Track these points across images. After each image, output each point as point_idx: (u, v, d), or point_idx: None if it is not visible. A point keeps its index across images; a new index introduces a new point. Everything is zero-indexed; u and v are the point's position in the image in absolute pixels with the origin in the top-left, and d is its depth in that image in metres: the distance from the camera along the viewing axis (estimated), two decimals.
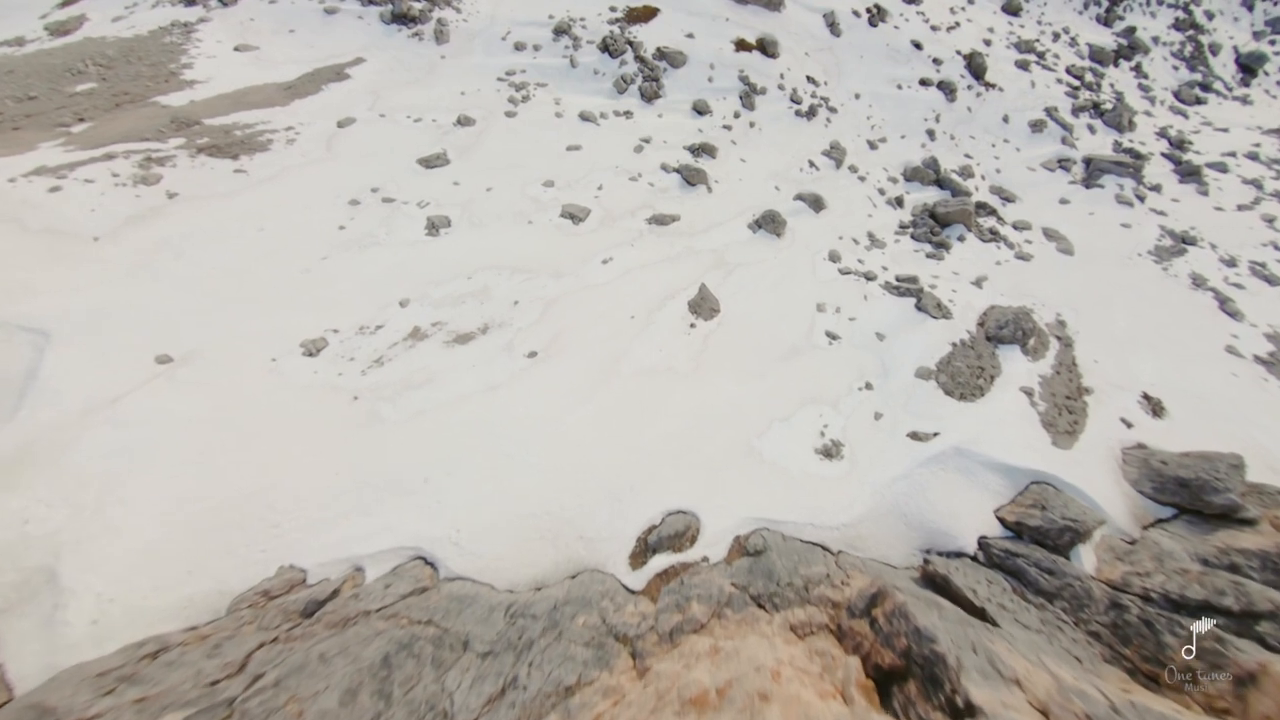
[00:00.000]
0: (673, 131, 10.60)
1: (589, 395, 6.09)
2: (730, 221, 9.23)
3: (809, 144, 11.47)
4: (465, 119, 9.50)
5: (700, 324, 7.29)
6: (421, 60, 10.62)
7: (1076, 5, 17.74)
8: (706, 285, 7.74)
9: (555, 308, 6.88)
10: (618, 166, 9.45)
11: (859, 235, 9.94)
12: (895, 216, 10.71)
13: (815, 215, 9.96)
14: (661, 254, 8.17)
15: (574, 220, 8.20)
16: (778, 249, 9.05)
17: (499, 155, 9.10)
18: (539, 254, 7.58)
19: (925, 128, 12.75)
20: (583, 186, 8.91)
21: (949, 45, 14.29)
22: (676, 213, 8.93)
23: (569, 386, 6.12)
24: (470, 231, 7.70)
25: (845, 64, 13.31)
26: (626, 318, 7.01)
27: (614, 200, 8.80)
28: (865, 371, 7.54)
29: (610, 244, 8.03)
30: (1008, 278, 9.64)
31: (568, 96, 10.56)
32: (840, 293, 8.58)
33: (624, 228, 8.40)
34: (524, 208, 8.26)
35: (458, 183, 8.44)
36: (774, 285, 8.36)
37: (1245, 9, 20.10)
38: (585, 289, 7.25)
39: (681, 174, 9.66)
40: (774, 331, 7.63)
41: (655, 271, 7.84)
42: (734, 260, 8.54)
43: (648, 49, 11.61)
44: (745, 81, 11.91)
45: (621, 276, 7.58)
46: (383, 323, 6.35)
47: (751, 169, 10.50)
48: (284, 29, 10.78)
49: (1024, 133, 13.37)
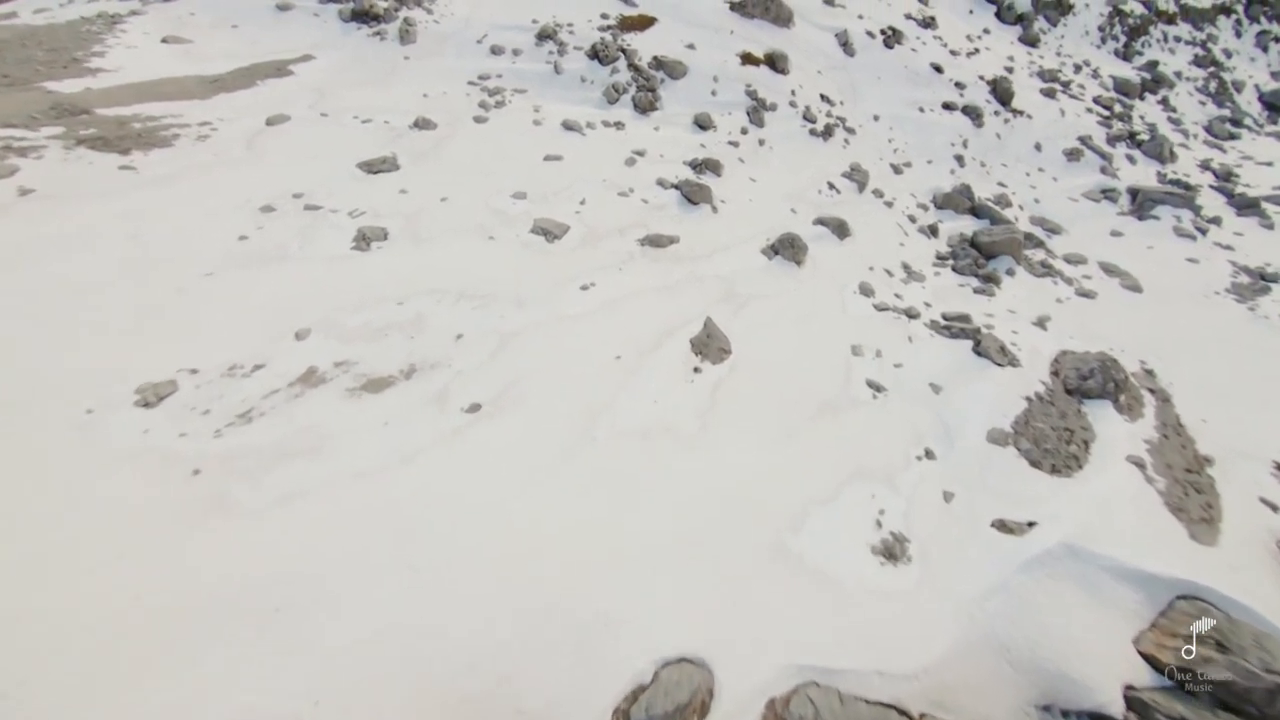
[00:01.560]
0: (671, 145, 9.15)
1: (552, 468, 4.26)
2: (740, 246, 7.63)
3: (826, 165, 10.06)
4: (425, 122, 7.99)
5: (707, 369, 5.54)
6: (381, 60, 9.23)
7: (1094, 39, 16.99)
8: (713, 320, 6.03)
9: (514, 345, 5.11)
10: (605, 180, 7.91)
11: (892, 266, 8.36)
12: (930, 246, 9.18)
13: (839, 242, 8.40)
14: (657, 280, 6.50)
15: (548, 237, 6.54)
16: (799, 279, 7.42)
17: (462, 162, 7.54)
18: (499, 276, 5.88)
19: (953, 153, 11.45)
20: (562, 200, 7.32)
21: (970, 70, 13.22)
22: (675, 234, 7.32)
23: (523, 455, 4.28)
24: (411, 247, 6.01)
25: (861, 85, 12.12)
26: (610, 359, 5.25)
27: (599, 217, 7.19)
28: (923, 434, 5.76)
29: (592, 267, 6.36)
30: (1073, 317, 8.02)
31: (550, 104, 9.15)
32: (879, 333, 6.89)
33: (610, 249, 6.76)
34: (485, 221, 6.62)
35: (405, 191, 6.82)
36: (797, 322, 6.66)
37: (1260, 50, 19.56)
38: (557, 321, 5.51)
39: (681, 190, 8.12)
40: (802, 380, 5.88)
41: (649, 301, 6.14)
42: (746, 291, 6.87)
43: (643, 57, 10.32)
44: (753, 96, 10.60)
45: (605, 307, 5.87)
46: (265, 360, 4.54)
47: (762, 189, 9.01)
48: (226, 24, 9.42)
49: (1059, 161, 12.11)
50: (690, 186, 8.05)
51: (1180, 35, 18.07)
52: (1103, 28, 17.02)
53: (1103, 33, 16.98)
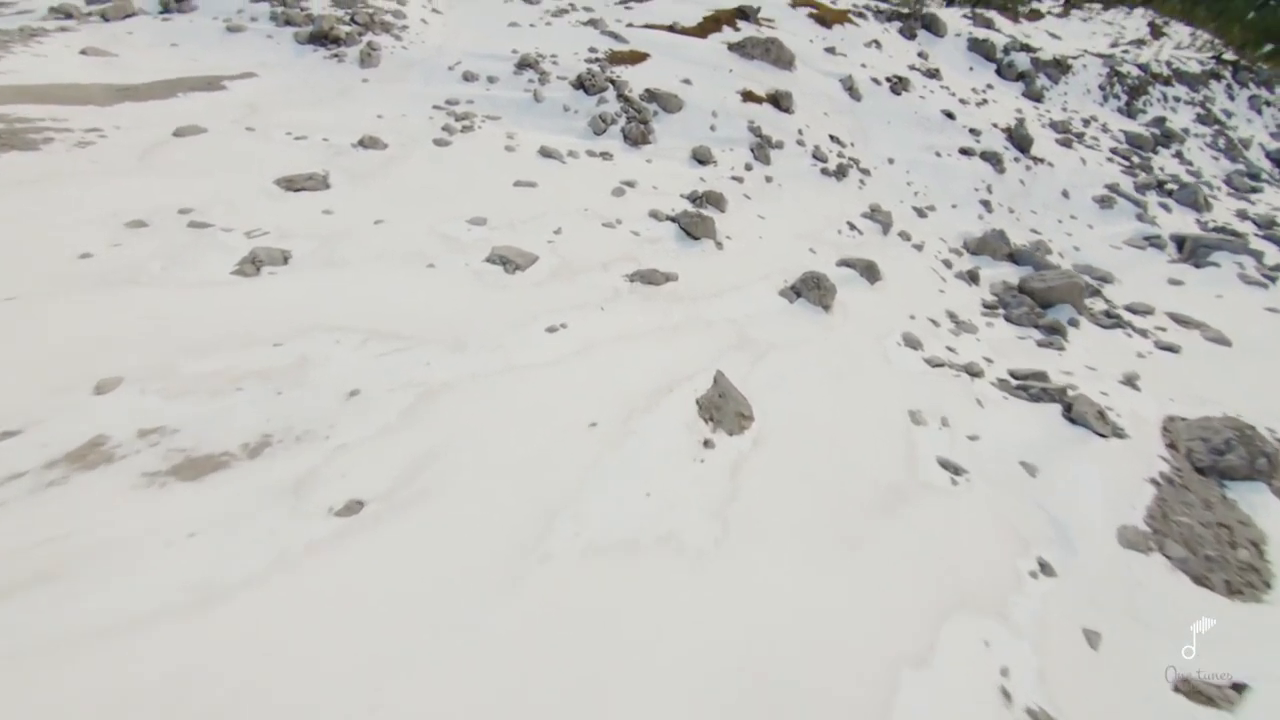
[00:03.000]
0: (666, 178, 7.92)
1: (474, 617, 2.49)
2: (752, 285, 6.17)
3: (843, 205, 8.86)
4: (373, 141, 6.70)
5: (722, 442, 3.87)
6: (335, 82, 8.11)
7: (1096, 98, 16.66)
8: (726, 375, 4.45)
9: (437, 405, 3.45)
10: (587, 209, 6.55)
11: (936, 314, 6.91)
12: (973, 294, 7.80)
13: (869, 286, 6.98)
14: (650, 322, 4.95)
15: (507, 267, 5.05)
16: (827, 326, 5.92)
17: (412, 185, 6.18)
18: (434, 312, 4.31)
19: (977, 198, 10.38)
20: (531, 229, 5.90)
21: (983, 118, 12.48)
22: (673, 270, 5.87)
23: (426, 591, 2.53)
24: (318, 273, 4.47)
25: (871, 128, 11.23)
26: (581, 426, 3.59)
27: (577, 248, 5.75)
28: (1029, 535, 4.06)
29: (565, 303, 4.82)
30: (1164, 375, 6.50)
31: (526, 132, 7.97)
32: (938, 394, 5.31)
33: (590, 283, 5.25)
34: (427, 247, 5.14)
35: (330, 211, 5.38)
36: (833, 378, 5.08)
37: (1255, 112, 19.45)
38: (508, 371, 3.88)
39: (679, 223, 6.77)
40: (852, 458, 4.22)
41: (640, 348, 4.56)
42: (764, 338, 5.33)
43: (634, 89, 9.34)
44: (757, 133, 9.57)
45: (580, 353, 4.27)
46: (26, 424, 2.84)
47: (773, 226, 7.70)
48: (165, 43, 8.37)
49: (1091, 209, 11.07)
50: (690, 219, 6.70)
51: (1179, 96, 17.89)
52: (1103, 86, 16.80)
53: (1104, 91, 16.73)
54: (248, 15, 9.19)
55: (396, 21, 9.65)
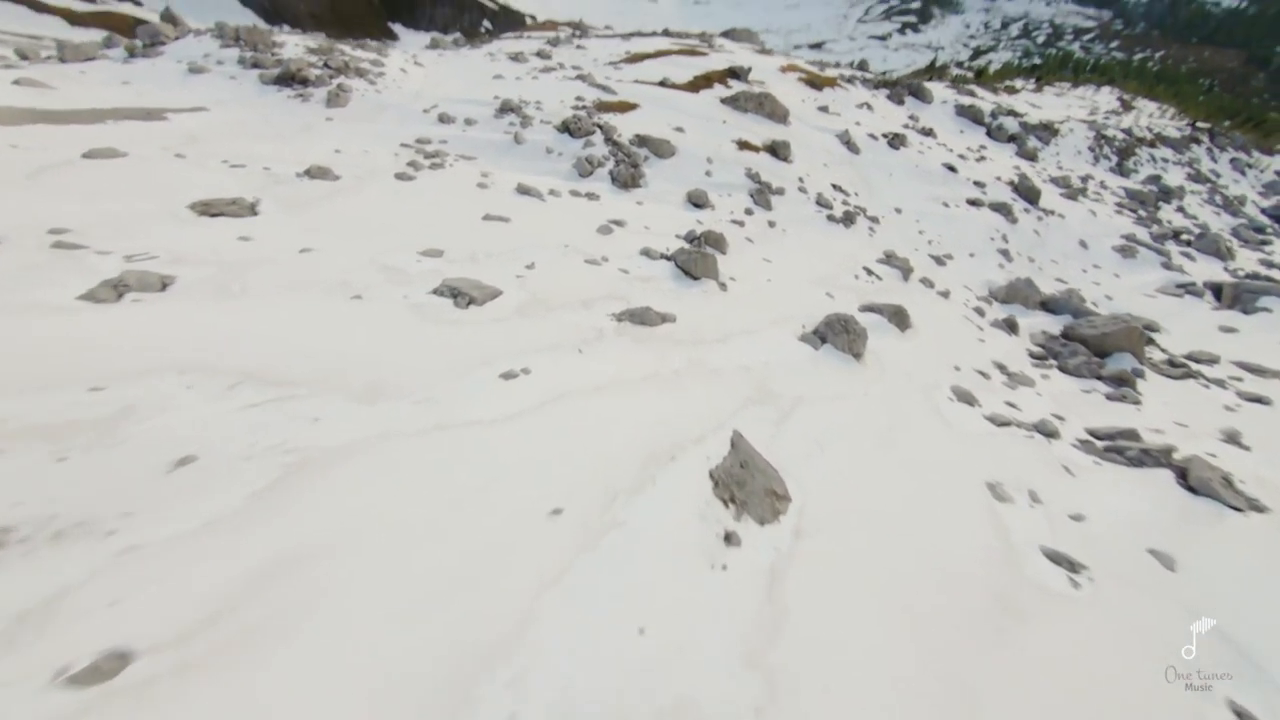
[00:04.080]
0: (659, 219, 7.10)
1: None
2: (766, 330, 5.13)
3: (856, 251, 8.04)
4: (322, 172, 5.85)
5: (750, 534, 2.64)
6: (294, 119, 7.42)
7: (1087, 158, 16.65)
8: (744, 436, 3.30)
9: (317, 482, 2.25)
10: (568, 245, 5.62)
11: (982, 365, 5.87)
12: (1015, 343, 6.81)
13: (900, 334, 5.97)
14: (644, 368, 3.83)
15: (459, 301, 3.98)
16: (862, 378, 4.83)
17: (359, 216, 5.24)
18: (348, 351, 3.17)
19: (995, 247, 9.66)
20: (499, 262, 4.91)
21: (985, 172, 12.09)
22: (670, 310, 4.83)
23: None
24: (200, 303, 3.37)
25: (873, 179, 10.71)
26: (538, 516, 2.37)
27: (553, 283, 4.74)
28: (1201, 664, 2.76)
29: (531, 344, 3.71)
30: (1267, 431, 5.38)
31: (503, 173, 7.21)
32: (1015, 460, 4.14)
33: (567, 322, 4.18)
34: (360, 278, 4.09)
35: (249, 238, 4.37)
36: (884, 442, 3.92)
37: (1239, 174, 19.64)
38: (437, 433, 2.70)
39: (676, 262, 5.83)
40: (929, 552, 2.98)
41: (630, 400, 3.41)
42: (789, 390, 4.21)
43: (623, 135, 8.74)
44: (755, 179, 8.92)
45: (546, 408, 3.10)
46: None
47: (781, 269, 6.80)
48: (117, 81, 7.74)
49: (1113, 258, 10.38)
50: (689, 256, 5.77)
51: (1166, 157, 18.03)
52: (1092, 148, 16.87)
53: (1094, 152, 16.77)
54: (214, 59, 8.69)
55: (374, 69, 9.20)
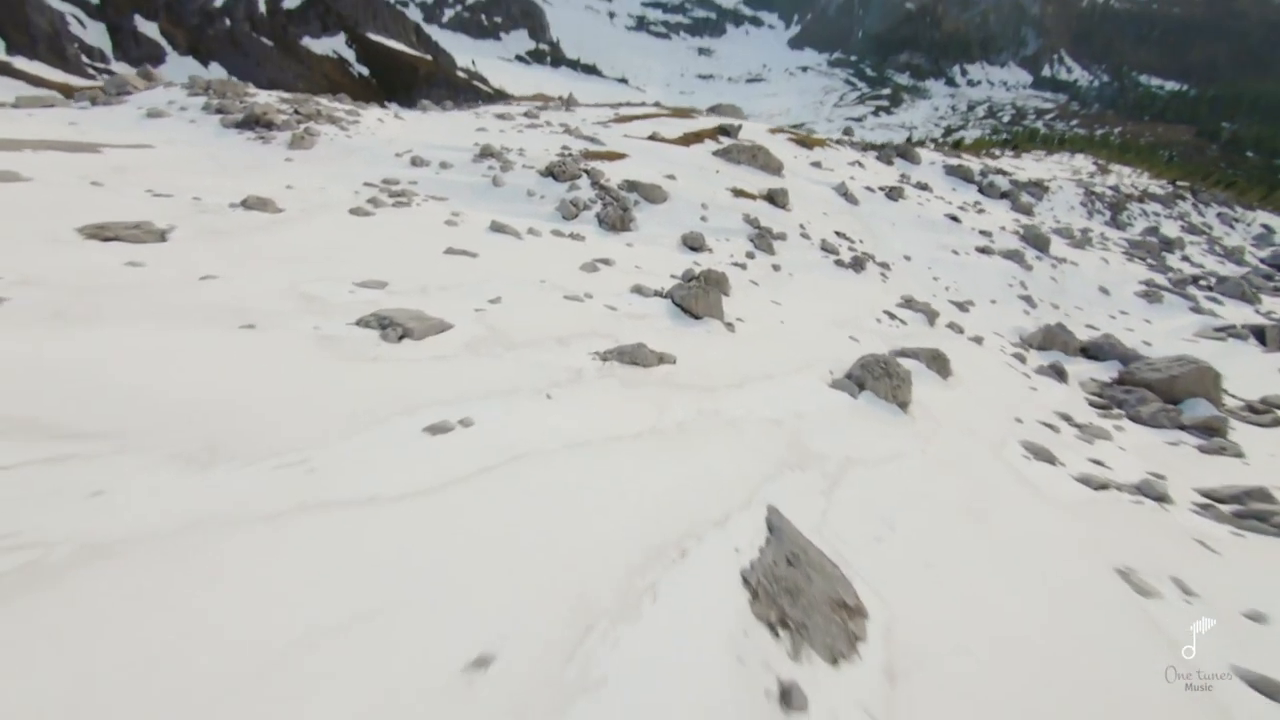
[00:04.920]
0: (652, 260, 6.31)
1: None
2: (790, 375, 4.15)
3: (872, 296, 7.25)
4: (260, 203, 5.04)
5: (817, 683, 1.53)
6: (249, 158, 6.74)
7: (1081, 213, 16.52)
8: (782, 513, 2.24)
9: (67, 595, 1.19)
10: (544, 281, 4.74)
11: (1044, 416, 4.89)
12: (1070, 392, 5.87)
13: (943, 382, 5.02)
14: (637, 418, 2.80)
15: (388, 333, 2.99)
16: (913, 431, 3.81)
17: (293, 245, 4.36)
18: (200, 392, 2.13)
19: (1015, 294, 8.95)
20: (455, 295, 3.99)
21: (989, 222, 11.66)
22: (669, 350, 3.87)
23: None
24: (19, 328, 2.36)
25: (876, 228, 10.17)
26: (449, 671, 1.29)
27: (519, 317, 3.79)
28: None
29: (478, 387, 2.69)
30: None
31: (477, 213, 6.47)
32: (1135, 536, 3.08)
33: (532, 360, 3.18)
34: (262, 306, 3.12)
35: (140, 263, 3.45)
36: (969, 516, 2.86)
37: (1228, 227, 19.67)
38: (292, 518, 1.64)
39: (674, 299, 4.95)
40: (1093, 697, 1.83)
41: (617, 462, 2.36)
42: (833, 448, 3.17)
43: (611, 179, 8.16)
44: (754, 224, 8.28)
45: (487, 475, 2.04)
46: None
47: (793, 311, 5.93)
48: (63, 121, 7.12)
49: (1138, 304, 9.69)
50: (689, 292, 4.90)
51: (1158, 211, 18.02)
52: (1084, 203, 16.82)
53: (1086, 207, 16.71)
54: (177, 106, 8.19)
55: (348, 118, 8.73)
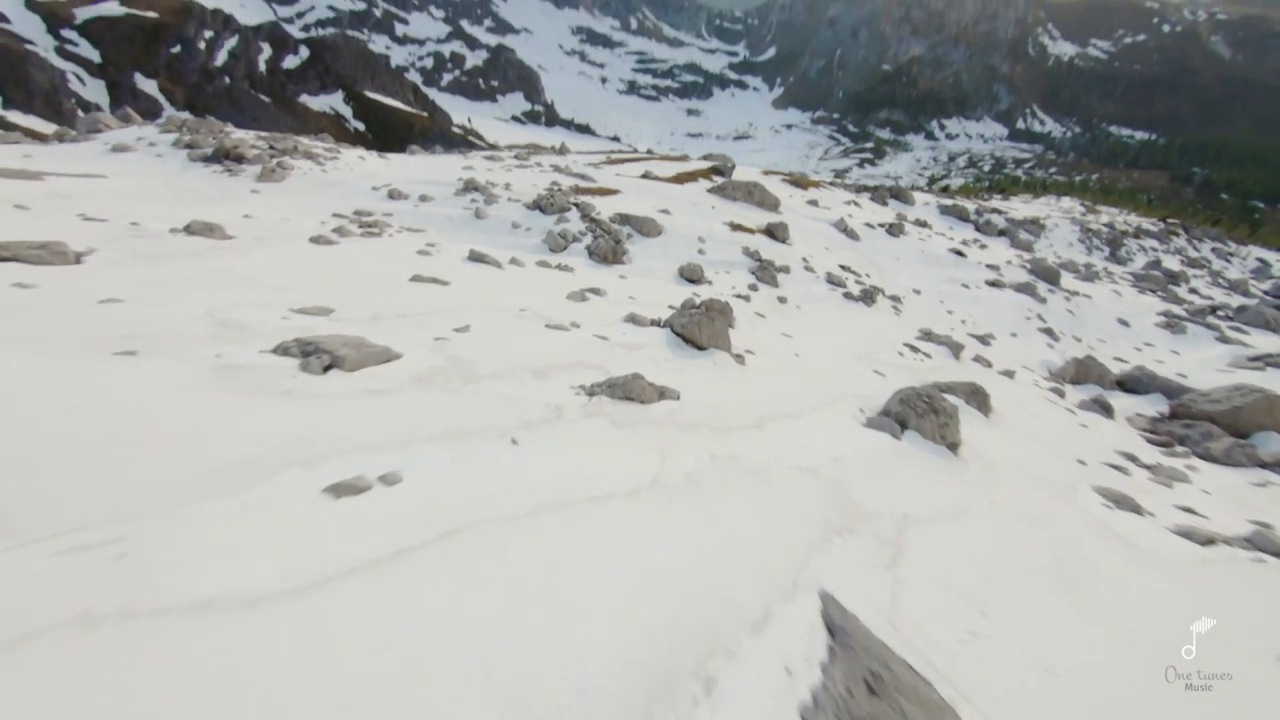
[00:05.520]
0: (647, 291, 5.75)
1: None
2: (816, 412, 3.48)
3: (887, 329, 6.68)
4: (205, 229, 4.48)
5: None
6: (212, 189, 6.25)
7: (1080, 249, 16.32)
8: (841, 603, 1.52)
9: None
10: (524, 310, 4.13)
11: (1106, 456, 4.22)
12: (1121, 428, 5.23)
13: (985, 420, 4.37)
14: (632, 468, 2.11)
15: (309, 362, 2.32)
16: (969, 477, 3.12)
17: (231, 270, 3.77)
18: (13, 434, 1.45)
19: (1035, 326, 8.43)
20: (415, 323, 3.35)
21: (993, 257, 11.31)
22: (670, 384, 3.21)
23: None
24: None
25: (880, 262, 9.75)
26: None
27: (488, 348, 3.14)
28: None
29: (417, 429, 2.00)
30: None
31: (455, 245, 5.94)
32: (1267, 608, 2.32)
33: (497, 395, 2.51)
34: (160, 331, 2.46)
35: (31, 285, 2.83)
36: (1066, 591, 2.13)
37: (1224, 261, 19.57)
38: (64, 634, 0.96)
39: (674, 328, 4.35)
40: None
41: (606, 532, 1.67)
42: (882, 504, 2.46)
43: (603, 213, 7.72)
44: (755, 257, 7.81)
45: (410, 557, 1.36)
46: None
47: (807, 344, 5.32)
48: (18, 155, 6.66)
49: (1161, 335, 9.17)
50: (691, 319, 4.30)
51: (1154, 245, 17.90)
52: (1082, 239, 16.68)
53: (1084, 244, 16.56)
54: (146, 142, 7.79)
55: (327, 155, 8.36)
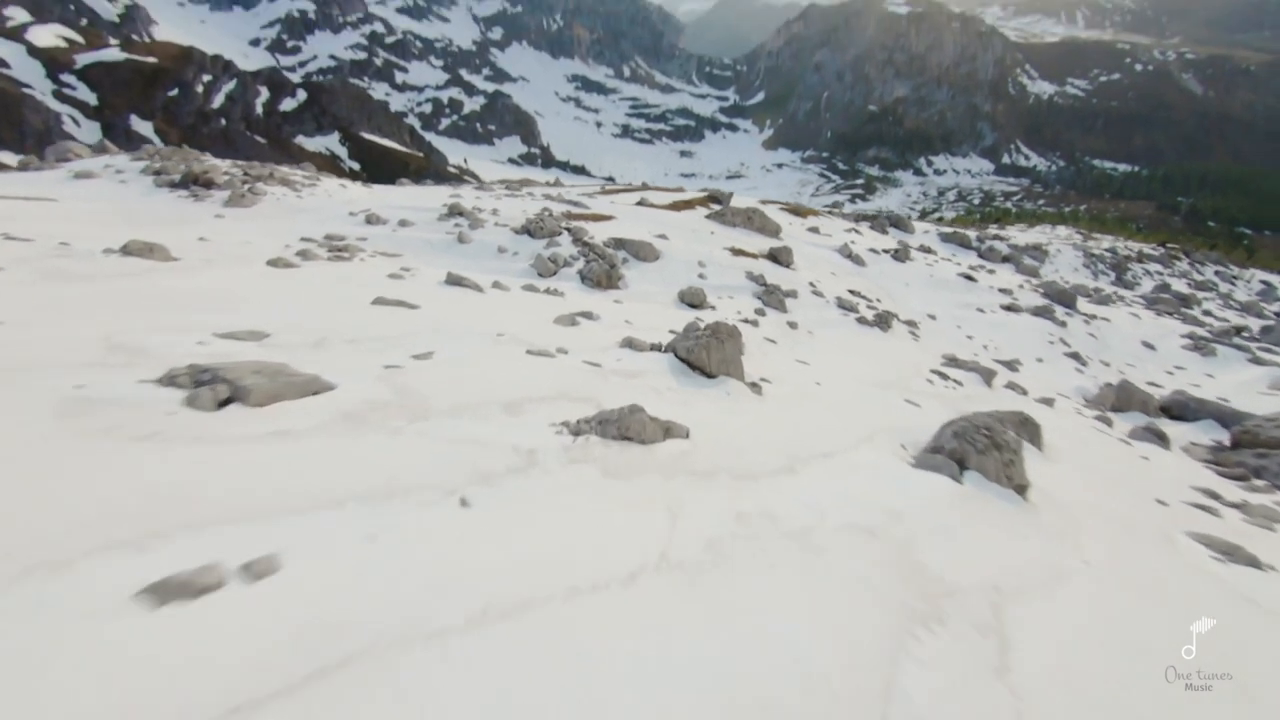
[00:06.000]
0: (645, 316, 5.21)
1: None
2: (853, 452, 2.87)
3: (909, 355, 6.14)
4: (144, 249, 3.96)
5: None
6: (171, 213, 5.79)
7: (1085, 275, 15.99)
8: None
9: None
10: (502, 335, 3.56)
11: (1185, 495, 3.60)
12: (1180, 459, 4.63)
13: (1040, 454, 3.76)
14: (633, 540, 1.52)
15: (198, 396, 1.73)
16: (1046, 528, 2.50)
17: (164, 292, 3.21)
18: None
19: (1060, 351, 7.90)
20: (366, 348, 2.77)
21: (1004, 281, 10.89)
22: (678, 420, 2.61)
23: None
24: None
25: (889, 287, 9.29)
26: None
27: (451, 376, 2.55)
28: None
29: (337, 488, 1.40)
30: None
31: (433, 269, 5.43)
32: None
33: (452, 437, 1.91)
34: (20, 356, 1.87)
35: None
36: (1235, 691, 1.48)
37: (1229, 284, 19.25)
38: None
39: (678, 353, 3.80)
40: None
41: (594, 641, 1.07)
42: (961, 575, 1.83)
43: (596, 237, 7.27)
44: (760, 282, 7.33)
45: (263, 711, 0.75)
46: None
47: (826, 372, 4.75)
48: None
49: (1190, 358, 8.64)
50: (696, 343, 3.75)
51: (1159, 270, 17.62)
52: (1087, 265, 16.39)
53: (1089, 268, 16.25)
54: (113, 170, 7.37)
55: (305, 182, 7.96)
